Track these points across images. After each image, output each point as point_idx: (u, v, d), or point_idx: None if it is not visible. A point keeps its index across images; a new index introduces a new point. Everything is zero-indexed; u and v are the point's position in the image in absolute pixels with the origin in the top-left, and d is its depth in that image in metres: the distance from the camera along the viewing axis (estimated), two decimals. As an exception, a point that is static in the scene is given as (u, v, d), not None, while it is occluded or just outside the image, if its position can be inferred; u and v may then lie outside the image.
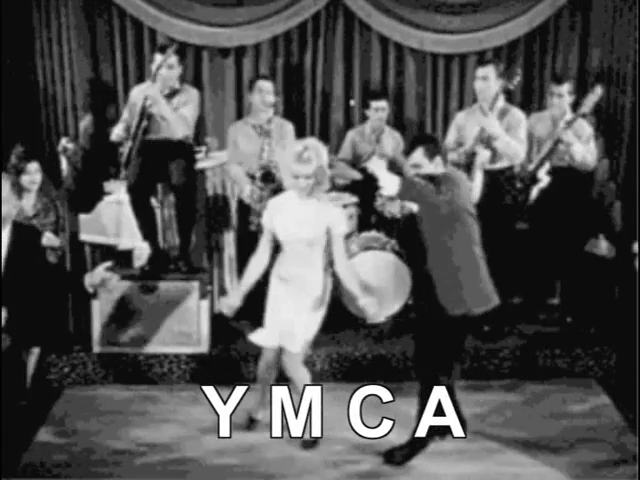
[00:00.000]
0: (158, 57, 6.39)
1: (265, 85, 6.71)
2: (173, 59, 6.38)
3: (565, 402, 6.11)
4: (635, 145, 7.51)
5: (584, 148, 6.55)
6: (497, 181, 6.44)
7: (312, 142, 5.15)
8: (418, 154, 5.08)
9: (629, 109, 7.69)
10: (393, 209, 6.99)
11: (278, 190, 5.88)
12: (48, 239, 6.19)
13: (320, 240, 5.20)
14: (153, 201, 6.77)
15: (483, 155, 6.26)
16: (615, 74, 7.70)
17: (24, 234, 5.45)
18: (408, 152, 5.19)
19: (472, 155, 6.35)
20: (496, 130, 6.38)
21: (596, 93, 6.40)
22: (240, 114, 7.87)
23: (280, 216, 5.24)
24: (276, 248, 5.36)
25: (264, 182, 6.58)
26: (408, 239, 6.75)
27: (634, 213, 6.69)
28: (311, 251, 5.21)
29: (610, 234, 7.00)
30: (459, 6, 7.61)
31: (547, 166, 6.48)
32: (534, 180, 6.46)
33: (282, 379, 5.53)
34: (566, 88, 6.64)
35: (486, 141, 6.40)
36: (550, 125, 6.74)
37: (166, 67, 6.33)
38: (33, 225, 6.02)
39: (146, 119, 6.32)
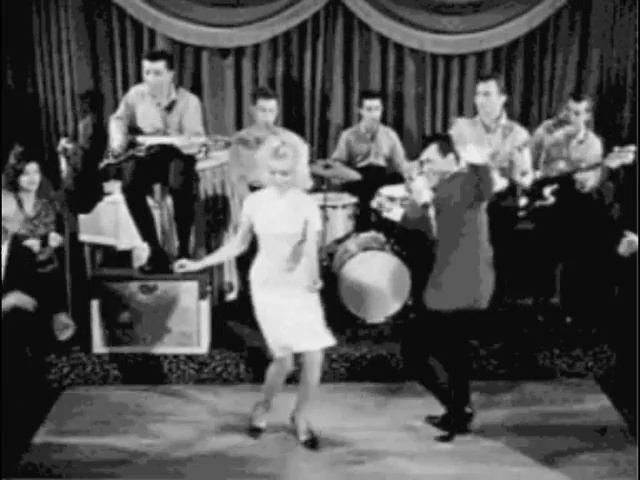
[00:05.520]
0: (146, 64, 6.32)
1: (267, 104, 6.70)
2: (160, 65, 6.26)
3: (564, 402, 6.11)
4: (635, 145, 7.51)
5: (594, 177, 6.58)
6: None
7: (290, 138, 5.17)
8: (432, 150, 5.27)
9: (629, 109, 7.70)
10: (393, 211, 6.99)
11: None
12: (55, 239, 6.19)
13: (300, 235, 5.17)
14: (151, 201, 6.77)
15: (499, 183, 6.20)
16: (615, 74, 7.72)
17: (20, 251, 5.50)
18: (423, 147, 5.36)
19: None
20: (528, 167, 6.44)
21: (627, 156, 6.27)
22: (240, 114, 7.89)
23: (259, 211, 5.22)
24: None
25: None
26: (408, 239, 6.75)
27: (634, 213, 6.68)
28: (292, 246, 5.18)
29: (610, 234, 6.99)
30: (459, 6, 7.63)
31: (554, 187, 6.47)
32: (540, 197, 6.46)
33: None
34: (584, 106, 6.58)
35: (506, 171, 6.36)
36: (562, 140, 6.71)
37: (153, 73, 6.28)
38: (28, 247, 6.02)
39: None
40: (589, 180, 6.52)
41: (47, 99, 7.80)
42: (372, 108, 7.44)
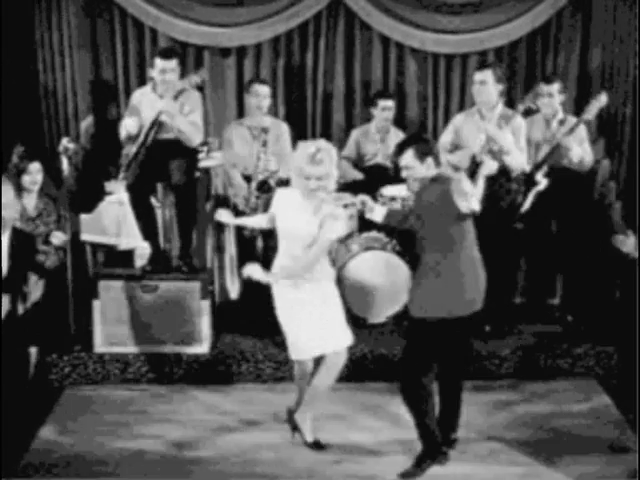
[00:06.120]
0: (158, 62, 6.38)
1: (261, 89, 6.73)
2: (174, 63, 6.40)
3: (565, 402, 6.11)
4: (635, 145, 7.51)
5: (581, 149, 6.57)
6: (495, 183, 6.43)
7: (324, 144, 5.13)
8: (408, 156, 5.01)
9: (629, 109, 7.69)
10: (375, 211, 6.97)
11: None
12: (57, 238, 6.20)
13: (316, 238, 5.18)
14: (154, 201, 6.77)
15: (490, 166, 6.22)
16: (615, 74, 7.70)
17: (22, 240, 5.51)
18: (398, 154, 5.09)
19: (477, 164, 6.33)
20: (509, 145, 6.38)
21: (600, 100, 6.42)
22: (241, 114, 7.86)
23: (284, 209, 5.24)
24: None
25: (260, 191, 6.61)
26: (408, 239, 6.74)
27: (634, 213, 6.68)
28: (307, 247, 5.17)
29: (610, 234, 6.99)
30: (460, 6, 7.60)
31: (545, 169, 6.48)
32: (532, 183, 6.47)
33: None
34: (556, 87, 6.67)
35: (495, 153, 6.37)
36: (543, 126, 6.77)
37: (170, 72, 6.35)
38: (30, 234, 6.02)
39: (156, 127, 6.34)
40: (572, 149, 6.50)
41: (49, 99, 7.79)
42: (386, 108, 7.44)
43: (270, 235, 5.81)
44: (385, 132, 7.51)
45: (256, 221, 5.80)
